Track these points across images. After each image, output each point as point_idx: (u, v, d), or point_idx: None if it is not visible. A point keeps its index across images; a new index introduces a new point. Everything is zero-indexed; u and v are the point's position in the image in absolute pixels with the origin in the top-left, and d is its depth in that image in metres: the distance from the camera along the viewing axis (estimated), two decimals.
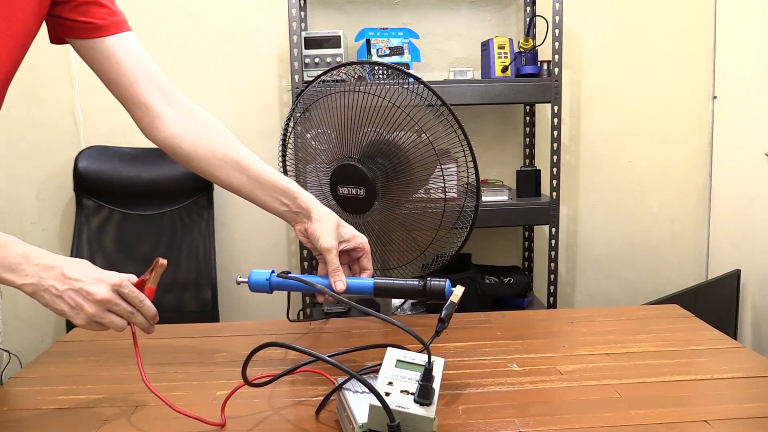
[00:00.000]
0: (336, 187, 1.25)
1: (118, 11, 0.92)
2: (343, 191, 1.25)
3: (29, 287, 0.74)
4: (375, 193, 1.24)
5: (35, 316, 2.28)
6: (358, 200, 1.24)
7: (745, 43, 2.16)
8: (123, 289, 0.78)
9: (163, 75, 0.96)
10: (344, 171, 1.24)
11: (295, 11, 1.91)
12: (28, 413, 0.82)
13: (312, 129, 1.31)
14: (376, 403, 0.66)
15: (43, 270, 0.74)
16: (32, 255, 0.75)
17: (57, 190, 2.25)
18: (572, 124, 2.35)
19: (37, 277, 0.74)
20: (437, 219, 1.29)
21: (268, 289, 0.94)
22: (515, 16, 2.29)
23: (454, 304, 0.85)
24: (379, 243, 1.31)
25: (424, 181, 1.28)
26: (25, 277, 0.73)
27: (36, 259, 0.75)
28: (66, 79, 2.20)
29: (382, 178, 1.25)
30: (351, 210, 1.27)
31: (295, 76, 1.93)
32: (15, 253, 0.74)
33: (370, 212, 1.26)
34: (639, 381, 0.86)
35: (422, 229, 1.30)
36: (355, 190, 1.24)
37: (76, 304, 0.75)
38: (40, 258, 0.75)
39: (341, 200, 1.27)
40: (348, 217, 1.25)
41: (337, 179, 1.25)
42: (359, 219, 1.28)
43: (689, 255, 2.44)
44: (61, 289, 0.74)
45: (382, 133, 1.25)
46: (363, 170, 1.23)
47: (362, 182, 1.23)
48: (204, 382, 0.89)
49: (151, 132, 0.95)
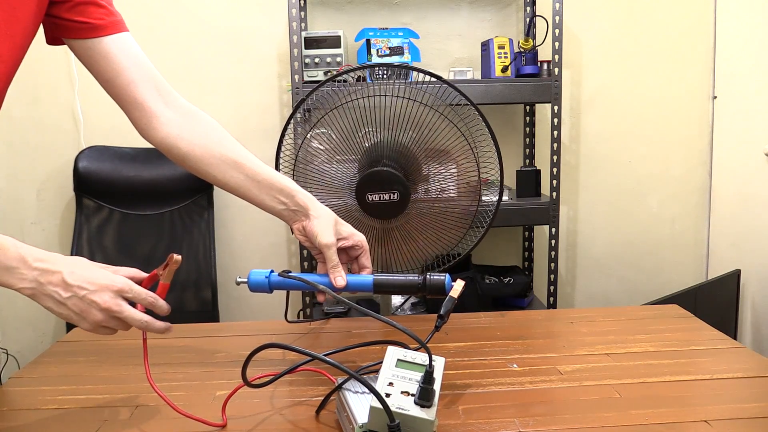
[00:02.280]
0: (364, 195, 1.25)
1: (115, 12, 0.92)
2: (374, 198, 1.24)
3: (28, 291, 0.73)
4: (408, 195, 1.24)
5: (35, 316, 2.28)
6: (392, 205, 1.24)
7: (745, 43, 2.16)
8: (128, 294, 0.77)
9: (160, 75, 0.95)
10: (374, 177, 1.24)
11: (295, 11, 1.91)
12: (28, 413, 0.82)
13: (325, 142, 1.29)
14: (376, 403, 0.66)
15: (42, 275, 0.73)
16: (30, 258, 0.73)
17: (57, 190, 2.25)
18: (572, 124, 2.35)
19: (36, 282, 0.73)
20: (465, 216, 1.30)
21: (268, 289, 0.93)
22: (515, 16, 2.29)
23: (454, 299, 0.84)
24: (403, 243, 1.32)
25: (455, 179, 1.29)
26: (23, 281, 0.72)
27: (34, 263, 0.73)
28: (66, 79, 2.20)
29: (415, 179, 1.26)
30: (381, 216, 1.27)
31: (295, 76, 1.93)
32: (12, 257, 0.72)
33: (404, 214, 1.26)
34: (639, 381, 0.86)
35: (451, 228, 1.31)
36: (388, 195, 1.24)
37: (81, 311, 0.74)
38: (38, 261, 0.73)
39: (370, 207, 1.26)
40: (376, 224, 1.25)
41: (365, 187, 1.24)
42: (390, 224, 1.28)
43: (689, 255, 2.44)
44: (65, 296, 0.73)
45: (412, 134, 1.26)
46: (396, 173, 1.23)
47: (396, 185, 1.23)
48: (204, 382, 0.89)
49: (148, 132, 0.95)
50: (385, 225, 1.28)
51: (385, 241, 1.30)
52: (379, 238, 1.30)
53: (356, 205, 1.26)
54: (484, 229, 1.36)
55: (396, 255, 1.31)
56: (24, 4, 0.82)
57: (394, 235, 1.29)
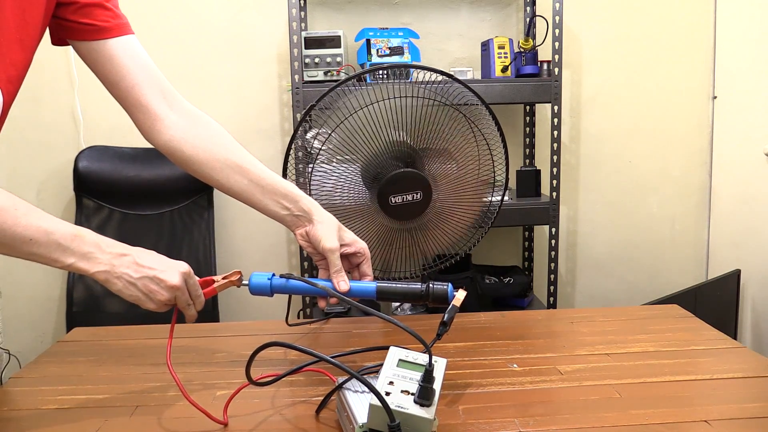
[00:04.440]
0: (387, 198, 1.26)
1: (120, 14, 0.92)
2: (397, 200, 1.25)
3: (102, 275, 0.78)
4: (431, 194, 1.26)
5: (35, 316, 2.28)
6: (415, 204, 1.26)
7: (745, 43, 2.16)
8: (190, 279, 0.84)
9: (164, 78, 0.96)
10: (394, 180, 1.25)
11: (295, 11, 1.91)
12: (28, 413, 0.82)
13: (340, 153, 1.28)
14: (376, 402, 0.66)
15: (114, 258, 0.79)
16: (104, 244, 0.79)
17: (57, 190, 2.25)
18: (572, 123, 2.35)
19: (110, 264, 0.78)
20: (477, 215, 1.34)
21: (269, 293, 0.92)
22: (515, 16, 2.29)
23: (456, 308, 0.85)
24: (422, 242, 1.33)
25: (471, 177, 1.31)
26: (99, 265, 0.78)
27: (108, 248, 0.79)
28: (66, 79, 2.20)
29: (436, 177, 1.28)
30: (405, 217, 1.28)
31: (295, 76, 1.93)
32: (89, 242, 0.78)
33: (426, 212, 1.28)
34: (639, 381, 0.86)
35: (462, 227, 1.35)
36: (411, 195, 1.25)
37: (150, 291, 0.80)
38: (111, 247, 0.80)
39: (393, 210, 1.27)
40: (400, 225, 1.27)
41: (387, 191, 1.25)
42: (412, 224, 1.30)
43: (689, 255, 2.44)
44: (136, 276, 0.79)
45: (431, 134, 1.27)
46: (417, 173, 1.25)
47: (418, 186, 1.25)
48: (204, 382, 0.89)
49: (152, 135, 0.95)
50: (404, 225, 1.29)
51: (400, 242, 1.32)
52: (393, 239, 1.31)
53: (379, 208, 1.28)
54: (484, 229, 1.37)
55: (405, 254, 1.33)
56: (33, 7, 0.82)
57: (411, 235, 1.31)
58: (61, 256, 0.76)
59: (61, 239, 0.76)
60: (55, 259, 0.76)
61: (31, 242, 0.75)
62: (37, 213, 0.76)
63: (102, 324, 1.15)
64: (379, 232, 1.29)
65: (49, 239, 0.75)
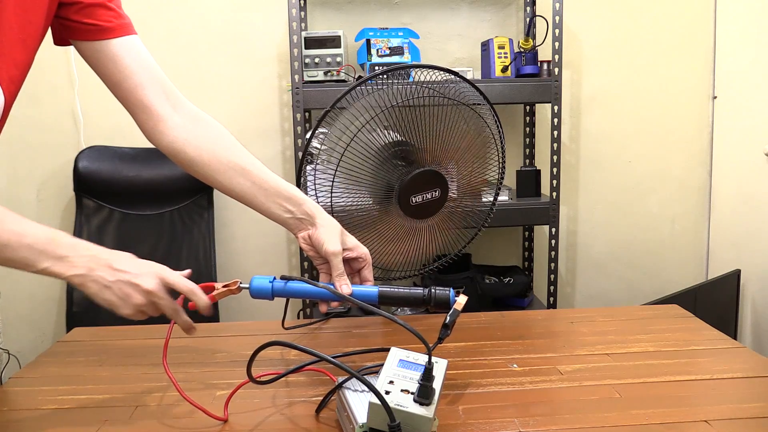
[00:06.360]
0: (408, 198, 1.27)
1: (123, 14, 0.92)
2: (417, 199, 1.27)
3: (77, 278, 0.76)
4: (447, 190, 1.29)
5: (35, 316, 2.28)
6: (434, 202, 1.29)
7: (745, 43, 2.16)
8: (168, 279, 0.80)
9: (167, 79, 0.95)
10: (414, 180, 1.26)
11: (295, 11, 1.91)
12: (28, 413, 0.82)
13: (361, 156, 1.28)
14: (375, 401, 0.66)
15: (91, 260, 0.77)
16: (80, 247, 0.77)
17: (57, 190, 2.25)
18: (572, 123, 2.35)
19: (86, 267, 0.76)
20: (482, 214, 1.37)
21: (270, 296, 0.91)
22: (515, 16, 2.29)
23: (458, 312, 0.85)
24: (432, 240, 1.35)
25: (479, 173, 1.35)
26: (74, 268, 0.76)
27: (84, 251, 0.77)
28: (66, 79, 2.20)
29: (451, 174, 1.31)
30: (423, 215, 1.30)
31: (295, 76, 1.93)
32: (65, 245, 0.76)
33: (444, 208, 1.30)
34: (639, 381, 0.86)
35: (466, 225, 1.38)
36: (430, 194, 1.28)
37: (125, 295, 0.77)
38: (87, 250, 0.78)
39: (413, 210, 1.29)
40: (418, 224, 1.29)
41: (408, 191, 1.27)
42: (430, 221, 1.32)
43: (689, 255, 2.44)
44: (111, 280, 0.77)
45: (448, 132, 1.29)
46: (436, 171, 1.27)
47: (435, 183, 1.28)
48: (204, 382, 0.89)
49: (155, 136, 0.95)
50: (426, 223, 1.31)
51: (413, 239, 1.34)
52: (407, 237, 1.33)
53: (399, 209, 1.29)
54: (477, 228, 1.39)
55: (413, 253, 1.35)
56: (36, 7, 0.82)
57: (425, 233, 1.32)
58: (36, 260, 0.74)
59: (35, 243, 0.74)
60: (30, 263, 0.74)
61: (6, 247, 0.73)
62: (12, 217, 0.74)
63: (102, 324, 1.15)
64: (399, 232, 1.31)
65: (22, 243, 0.74)
